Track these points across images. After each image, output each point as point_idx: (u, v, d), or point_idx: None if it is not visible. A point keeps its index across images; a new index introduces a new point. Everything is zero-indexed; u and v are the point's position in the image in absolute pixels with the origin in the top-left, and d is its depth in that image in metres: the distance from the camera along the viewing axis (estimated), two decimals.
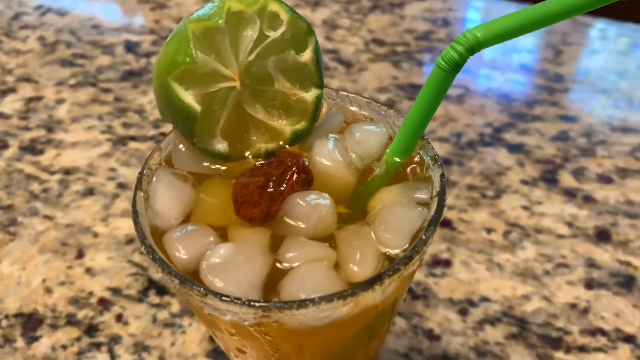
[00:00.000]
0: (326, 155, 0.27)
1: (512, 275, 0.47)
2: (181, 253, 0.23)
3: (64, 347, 0.44)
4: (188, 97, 0.25)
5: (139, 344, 0.44)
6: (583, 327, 0.44)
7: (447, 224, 0.51)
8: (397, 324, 0.44)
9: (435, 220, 0.24)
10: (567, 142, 0.58)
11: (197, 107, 0.25)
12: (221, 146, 0.27)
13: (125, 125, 0.62)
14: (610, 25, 0.75)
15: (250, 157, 0.27)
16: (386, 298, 0.24)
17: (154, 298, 0.47)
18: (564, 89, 0.65)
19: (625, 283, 0.47)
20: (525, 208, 0.52)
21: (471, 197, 0.53)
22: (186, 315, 0.46)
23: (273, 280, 0.23)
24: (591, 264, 0.48)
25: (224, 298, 0.21)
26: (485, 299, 0.46)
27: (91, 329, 0.45)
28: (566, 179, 0.55)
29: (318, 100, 0.28)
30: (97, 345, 0.44)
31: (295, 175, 0.26)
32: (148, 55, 0.73)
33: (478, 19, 0.82)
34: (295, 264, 0.23)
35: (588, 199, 0.53)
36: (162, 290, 0.47)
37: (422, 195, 0.25)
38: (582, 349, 0.43)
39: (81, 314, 0.46)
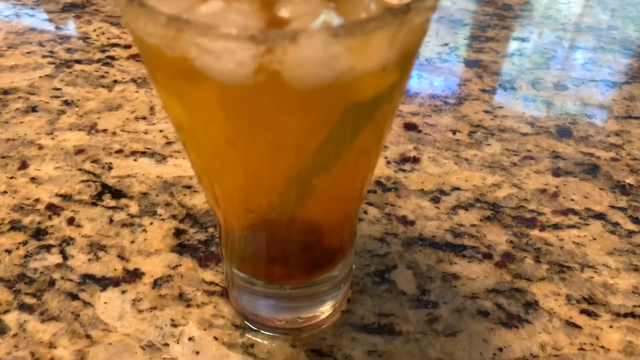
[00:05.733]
0: None
1: (481, 167, 0.47)
2: (162, 7, 0.21)
3: (8, 251, 0.40)
4: None
5: (94, 244, 0.41)
6: (555, 209, 0.44)
7: (412, 127, 0.50)
8: (370, 212, 0.43)
9: None
10: (521, 58, 0.59)
11: None
12: None
13: (69, 50, 0.58)
14: None
15: None
16: (393, 62, 0.22)
17: (109, 202, 0.44)
18: (514, 16, 0.66)
19: (590, 170, 0.47)
20: (487, 112, 0.52)
21: (434, 105, 0.53)
22: (146, 216, 0.43)
23: None
24: (556, 156, 0.48)
25: (223, 31, 0.19)
26: (456, 189, 0.45)
27: (39, 233, 0.41)
28: (524, 88, 0.55)
29: None
30: (47, 248, 0.40)
31: None
32: None
33: None
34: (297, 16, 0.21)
35: (547, 103, 0.54)
36: (118, 194, 0.44)
37: None
38: (556, 226, 0.43)
39: (27, 220, 0.42)
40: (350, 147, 0.26)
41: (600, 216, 0.43)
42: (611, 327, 0.36)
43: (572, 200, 0.45)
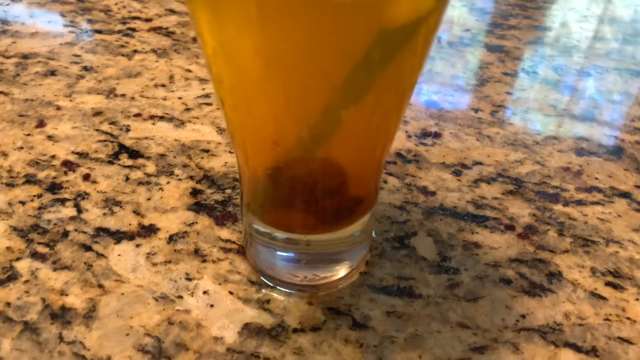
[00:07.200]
0: None
1: (503, 144, 0.46)
2: None
3: (23, 202, 0.39)
4: None
5: (109, 199, 0.40)
6: (578, 186, 0.43)
7: (433, 104, 0.50)
8: (390, 182, 0.42)
9: None
10: (543, 46, 0.59)
11: None
12: None
13: (90, 21, 0.58)
14: None
15: None
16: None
17: (126, 161, 0.43)
18: (537, 7, 0.66)
19: (614, 151, 0.46)
20: (509, 93, 0.52)
21: (456, 84, 0.52)
22: (163, 175, 0.42)
23: None
24: (580, 137, 0.47)
25: None
26: (478, 163, 0.44)
27: (54, 187, 0.41)
28: (546, 73, 0.55)
29: None
30: (62, 201, 0.40)
31: None
32: None
33: None
34: None
35: (570, 88, 0.53)
36: (135, 154, 0.44)
37: None
38: (580, 202, 0.42)
39: (42, 174, 0.42)
40: (378, 81, 0.26)
41: (625, 195, 0.42)
42: (637, 299, 0.35)
43: (596, 178, 0.44)
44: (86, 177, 0.41)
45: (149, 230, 0.38)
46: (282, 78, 0.24)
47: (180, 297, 0.33)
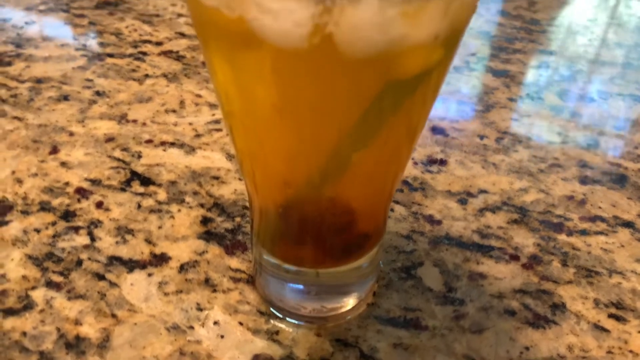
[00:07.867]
0: None
1: (508, 172, 0.47)
2: None
3: (37, 230, 0.40)
4: None
5: (122, 227, 0.41)
6: (582, 215, 0.44)
7: (440, 131, 0.51)
8: (396, 210, 0.43)
9: None
10: (548, 70, 0.60)
11: None
12: None
13: (102, 44, 0.59)
14: None
15: None
16: (443, 35, 0.22)
17: (138, 188, 0.44)
18: (541, 30, 0.67)
19: (617, 180, 0.47)
20: (515, 120, 0.52)
21: (462, 110, 0.53)
22: (174, 203, 0.43)
23: None
24: (583, 165, 0.48)
25: None
26: (483, 191, 0.45)
27: (68, 215, 0.41)
28: (551, 98, 0.55)
29: None
30: (75, 229, 0.40)
31: None
32: None
33: None
34: None
35: (574, 114, 0.54)
36: (147, 181, 0.44)
37: None
38: (584, 232, 0.42)
39: (56, 202, 0.42)
40: (388, 125, 0.26)
41: (628, 224, 0.43)
42: None
43: (600, 207, 0.44)
44: (99, 205, 0.42)
45: (161, 259, 0.39)
46: (294, 125, 0.25)
47: (192, 327, 0.34)
